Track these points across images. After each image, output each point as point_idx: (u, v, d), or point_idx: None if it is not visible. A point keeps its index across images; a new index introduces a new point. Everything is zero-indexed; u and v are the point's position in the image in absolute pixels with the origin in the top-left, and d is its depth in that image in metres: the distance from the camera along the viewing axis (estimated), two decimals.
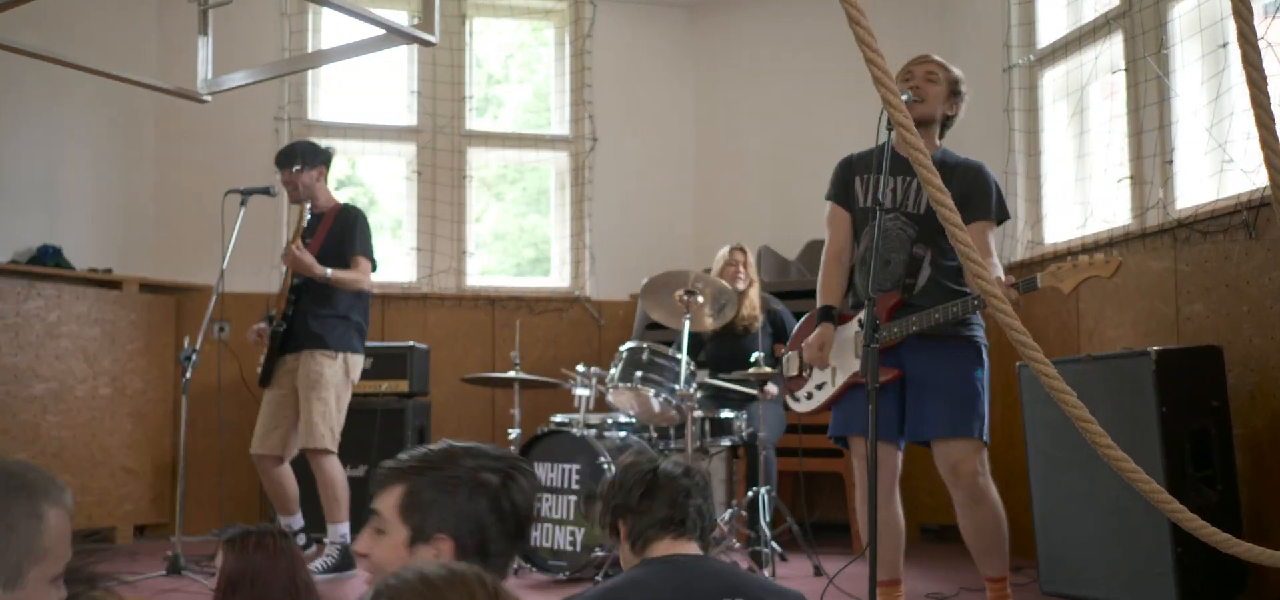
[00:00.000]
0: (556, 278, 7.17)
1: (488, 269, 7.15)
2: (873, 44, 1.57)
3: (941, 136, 3.69)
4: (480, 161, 7.16)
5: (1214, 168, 4.32)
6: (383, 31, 3.41)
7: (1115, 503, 3.92)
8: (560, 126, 7.22)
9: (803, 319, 3.95)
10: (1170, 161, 4.61)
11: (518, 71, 7.43)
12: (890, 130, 3.36)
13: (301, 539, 5.18)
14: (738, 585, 2.19)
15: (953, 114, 3.65)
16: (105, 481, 6.05)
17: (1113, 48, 5.03)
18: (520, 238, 7.35)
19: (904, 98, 3.39)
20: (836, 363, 3.62)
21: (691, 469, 2.37)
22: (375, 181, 7.32)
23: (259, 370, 5.06)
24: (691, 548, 2.29)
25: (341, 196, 7.19)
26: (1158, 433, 3.80)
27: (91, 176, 6.38)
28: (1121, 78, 4.93)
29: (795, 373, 3.78)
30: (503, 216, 7.33)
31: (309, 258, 4.83)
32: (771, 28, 7.08)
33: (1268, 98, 1.79)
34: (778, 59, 7.07)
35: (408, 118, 7.00)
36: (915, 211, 3.57)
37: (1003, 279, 3.34)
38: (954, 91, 3.62)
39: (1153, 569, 3.83)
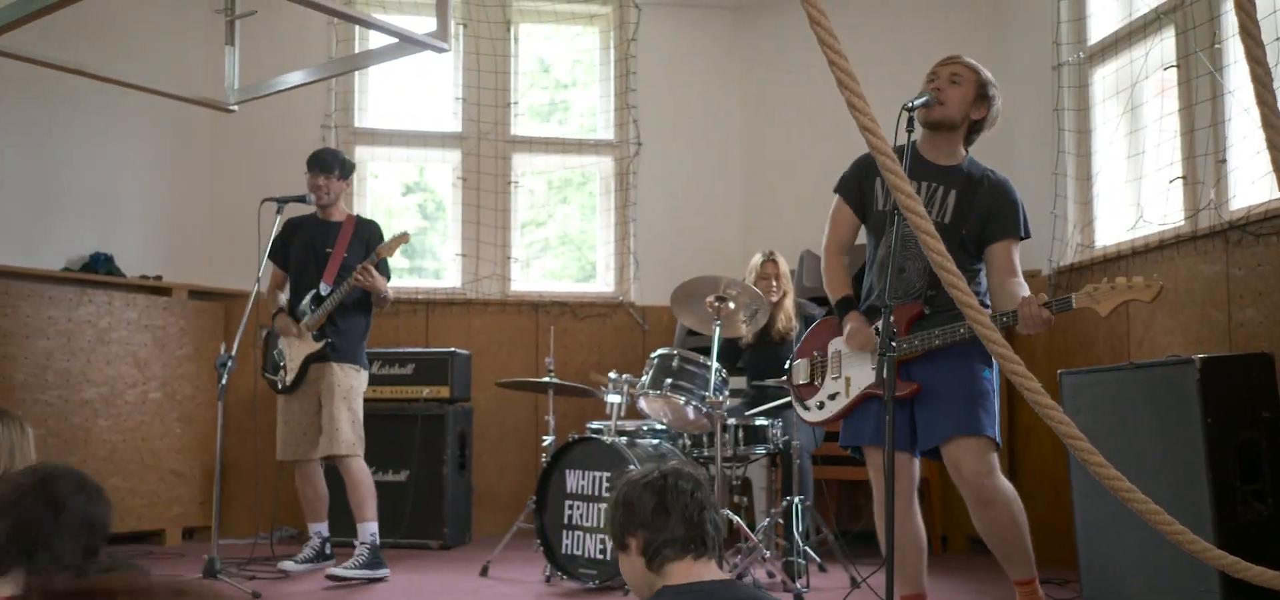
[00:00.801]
0: (601, 283, 7.14)
1: (533, 275, 7.13)
2: (834, 44, 1.51)
3: (969, 142, 3.53)
4: (525, 167, 7.15)
5: (1267, 166, 4.12)
6: (396, 40, 3.42)
7: None
8: (605, 131, 7.19)
9: (813, 325, 3.85)
10: (1223, 160, 4.43)
11: (562, 77, 7.41)
12: (910, 130, 3.26)
13: (327, 549, 5.26)
14: None
15: (980, 118, 3.48)
16: (155, 484, 6.16)
17: (1164, 44, 4.85)
18: (565, 244, 7.33)
19: (923, 99, 3.31)
20: (850, 372, 3.52)
21: (697, 477, 2.27)
22: (435, 182, 7.36)
23: (283, 378, 5.13)
24: (713, 570, 2.19)
25: (408, 202, 7.31)
26: (1202, 444, 3.63)
27: (143, 186, 6.51)
28: (1173, 74, 4.75)
29: (806, 380, 3.68)
30: (549, 224, 7.31)
31: (381, 281, 5.06)
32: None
33: (1273, 95, 1.69)
34: (822, 62, 6.92)
35: (453, 124, 7.02)
36: (938, 220, 3.44)
37: (1030, 297, 3.21)
38: (982, 94, 3.46)
39: (1197, 583, 3.67)
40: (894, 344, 3.07)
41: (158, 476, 6.18)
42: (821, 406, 3.65)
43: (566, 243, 7.32)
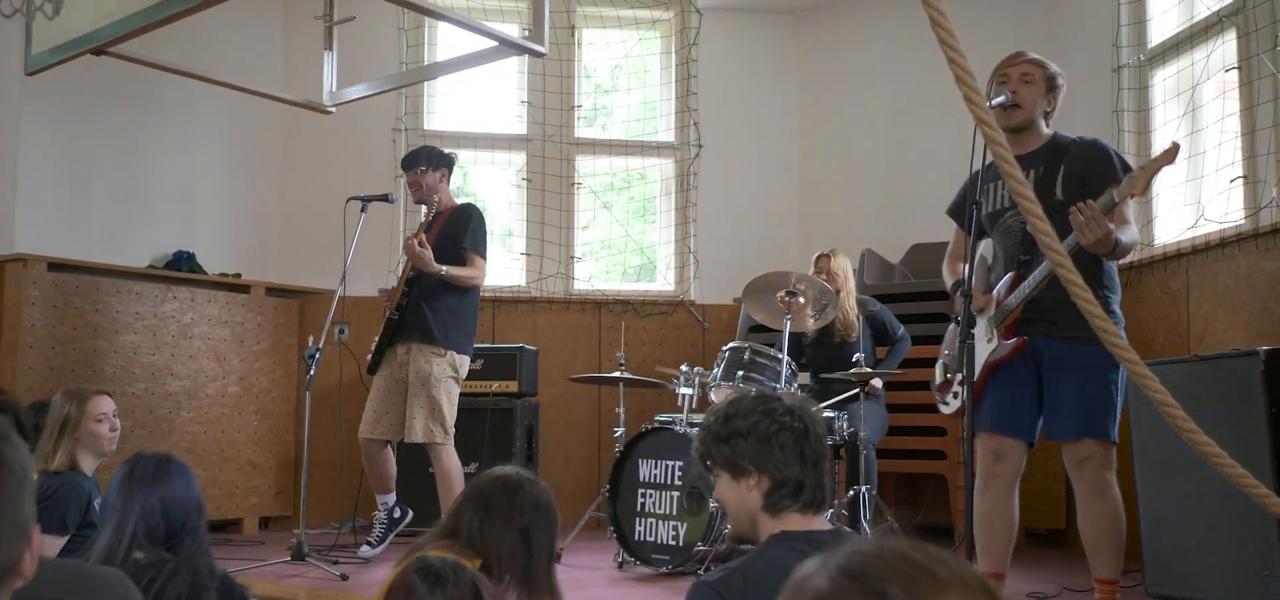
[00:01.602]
0: (661, 282, 7.30)
1: (595, 275, 7.31)
2: (954, 44, 1.65)
3: (1047, 125, 3.67)
4: (588, 169, 7.34)
5: None
6: (495, 43, 3.61)
7: (1223, 504, 3.86)
8: (666, 133, 7.36)
9: (949, 332, 3.96)
10: None
11: (625, 80, 7.59)
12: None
13: (397, 512, 5.36)
14: None
15: (1052, 109, 3.64)
16: (233, 475, 6.40)
17: (1226, 46, 4.94)
18: (627, 245, 7.50)
19: (1000, 100, 3.45)
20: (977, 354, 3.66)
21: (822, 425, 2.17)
22: (486, 189, 7.55)
23: (370, 357, 5.25)
24: (824, 522, 2.11)
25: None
26: (1267, 435, 3.73)
27: (222, 186, 6.76)
28: (1234, 76, 4.84)
29: (942, 379, 3.84)
30: (611, 224, 7.48)
31: (428, 254, 4.95)
32: (876, 34, 7.11)
33: None
34: (882, 64, 7.10)
35: (518, 127, 7.22)
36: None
37: (1077, 209, 3.25)
38: (1051, 87, 3.62)
39: (1261, 571, 3.77)
40: (996, 310, 3.22)
41: (236, 467, 6.42)
42: (956, 396, 3.78)
43: (627, 243, 7.48)
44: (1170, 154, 3.19)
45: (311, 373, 4.98)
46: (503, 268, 7.31)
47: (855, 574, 0.94)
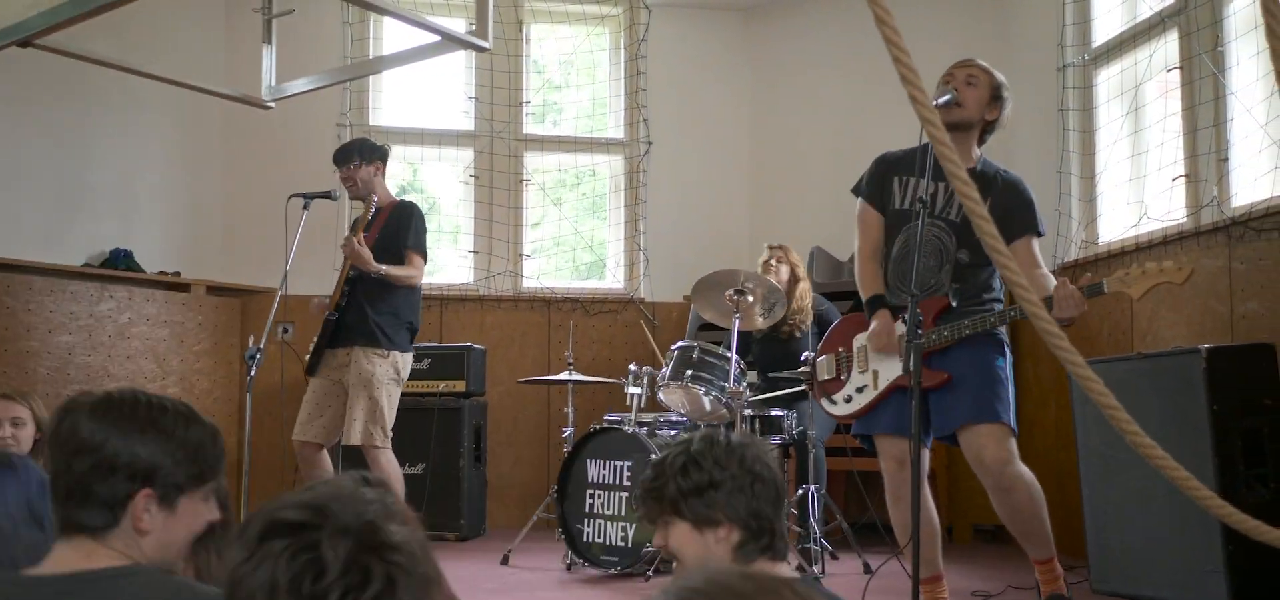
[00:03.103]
0: (611, 280, 7.26)
1: (544, 272, 7.25)
2: (899, 41, 1.62)
3: (981, 142, 3.68)
4: (537, 165, 7.27)
5: (1269, 165, 4.28)
6: (438, 38, 3.53)
7: (1167, 502, 3.90)
8: (615, 130, 7.31)
9: (834, 324, 3.97)
10: (1225, 159, 4.58)
11: (573, 76, 7.53)
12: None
13: None
14: None
15: (993, 119, 3.64)
16: None
17: (1168, 46, 4.99)
18: (577, 242, 7.44)
19: (945, 99, 3.44)
20: (878, 366, 3.64)
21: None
22: (434, 186, 7.47)
23: (307, 358, 5.12)
24: (785, 570, 2.01)
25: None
26: (1209, 431, 3.77)
27: (162, 182, 6.61)
28: (1176, 75, 4.90)
29: (830, 375, 3.80)
30: (560, 222, 7.42)
31: (366, 252, 4.80)
32: (826, 30, 7.11)
33: None
34: (832, 61, 7.10)
35: (465, 123, 7.14)
36: (956, 219, 3.58)
37: (1066, 280, 3.37)
38: (995, 96, 3.61)
39: (1204, 568, 3.81)
40: (921, 334, 3.20)
41: None
42: (849, 400, 3.76)
43: (577, 240, 7.42)
44: (1181, 273, 3.33)
45: (252, 373, 4.86)
46: (451, 265, 7.23)
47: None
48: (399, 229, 4.95)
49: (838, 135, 7.03)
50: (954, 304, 3.54)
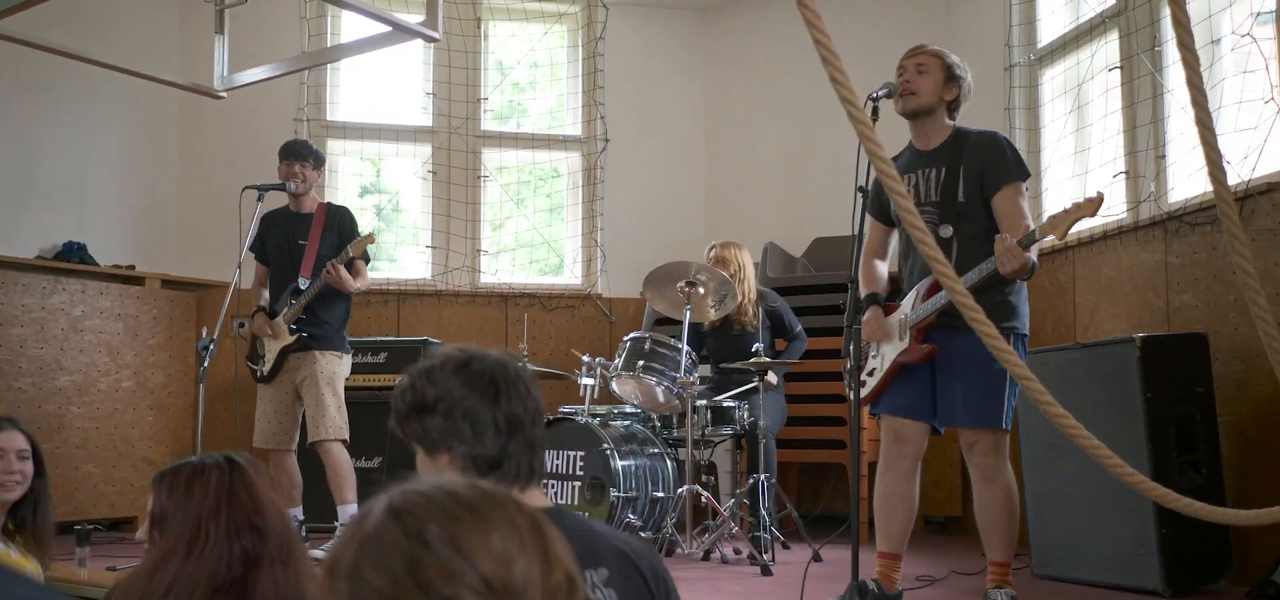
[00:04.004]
0: (569, 275, 7.31)
1: (502, 269, 7.28)
2: (828, 44, 1.68)
3: (952, 116, 3.74)
4: (495, 162, 7.30)
5: (1203, 161, 4.40)
6: (389, 28, 3.58)
7: (1102, 486, 4.01)
8: (573, 127, 7.36)
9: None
10: (1163, 156, 4.71)
11: (531, 74, 7.57)
12: (874, 119, 3.48)
13: (299, 530, 5.36)
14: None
15: (953, 97, 3.71)
16: (128, 472, 6.23)
17: (1109, 45, 5.12)
18: (536, 240, 7.48)
19: (884, 91, 3.54)
20: (885, 350, 3.74)
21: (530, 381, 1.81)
22: (393, 181, 7.48)
23: (262, 368, 5.22)
24: (540, 497, 1.79)
25: (368, 202, 7.42)
26: (1143, 418, 3.89)
27: (116, 176, 6.57)
28: (1117, 75, 5.02)
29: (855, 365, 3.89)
30: (518, 218, 7.45)
31: (348, 277, 5.07)
32: (782, 29, 7.19)
33: (1205, 96, 1.90)
34: (788, 60, 7.18)
35: (423, 119, 7.16)
36: (936, 199, 3.66)
37: (1003, 234, 3.42)
38: (950, 76, 3.69)
39: (1138, 551, 3.93)
40: (914, 310, 3.45)
41: (130, 464, 6.25)
42: (863, 385, 3.84)
43: (536, 236, 7.46)
44: (1094, 204, 3.33)
45: (205, 365, 4.87)
46: (408, 261, 7.25)
47: (398, 512, 0.95)
48: (343, 237, 5.16)
49: (792, 133, 7.12)
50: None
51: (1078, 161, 5.41)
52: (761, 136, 7.24)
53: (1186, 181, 4.55)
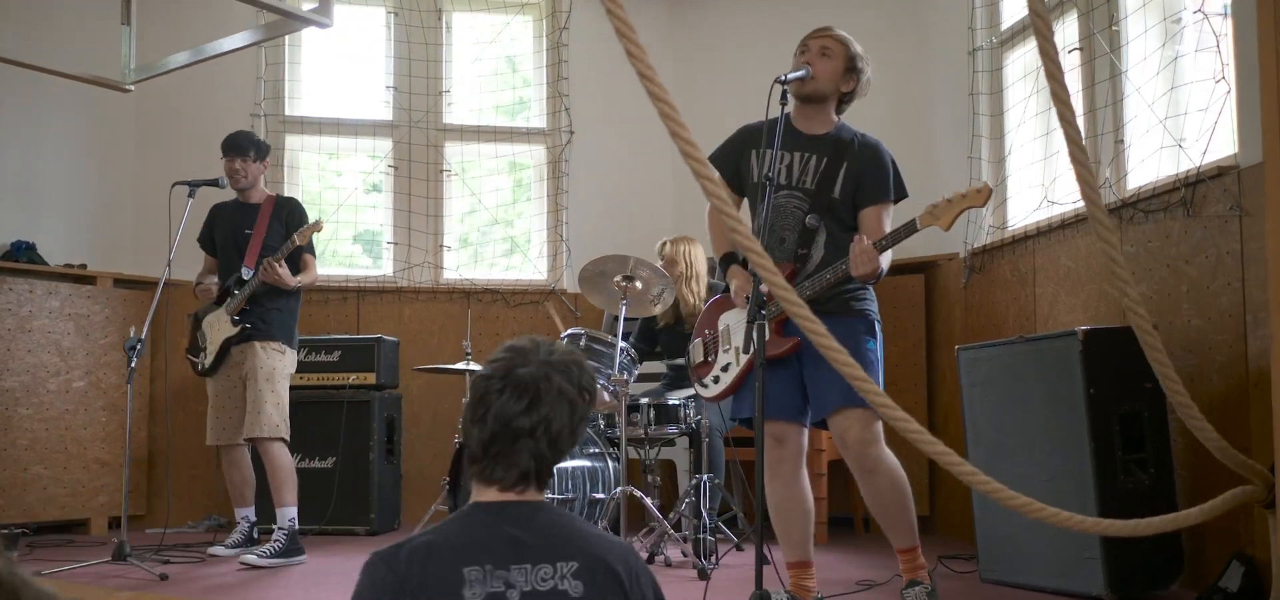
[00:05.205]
0: (533, 271, 7.15)
1: (464, 264, 7.13)
2: (640, 55, 1.54)
3: (839, 112, 3.61)
4: (457, 156, 7.16)
5: (1156, 146, 4.20)
6: (278, 16, 3.45)
7: (1046, 487, 3.82)
8: (537, 119, 7.21)
9: (706, 306, 3.88)
10: (1121, 140, 4.50)
11: (494, 64, 7.41)
12: (784, 103, 3.32)
13: (246, 529, 5.25)
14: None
15: (850, 90, 3.57)
16: (79, 474, 6.13)
17: (1069, 26, 4.91)
18: (495, 232, 7.33)
19: (799, 74, 3.36)
20: (738, 344, 3.56)
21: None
22: (352, 177, 7.34)
23: (203, 360, 5.13)
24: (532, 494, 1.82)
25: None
26: (1085, 414, 3.70)
27: (67, 173, 6.46)
28: (1077, 56, 4.82)
29: (701, 359, 3.73)
30: (479, 212, 7.31)
31: (285, 272, 4.99)
32: (750, 18, 7.02)
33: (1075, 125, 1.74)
34: (755, 49, 6.99)
35: (384, 113, 7.02)
36: (810, 187, 3.51)
37: (858, 235, 3.34)
38: (851, 68, 3.54)
39: (1083, 555, 3.74)
40: (765, 308, 3.13)
41: (82, 466, 6.15)
42: (717, 380, 3.69)
43: (498, 226, 7.32)
44: (981, 194, 3.18)
45: (133, 364, 4.77)
46: (370, 257, 7.12)
47: None
48: (288, 228, 5.06)
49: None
50: (803, 271, 3.46)
51: (1041, 147, 5.21)
52: (730, 127, 7.01)
53: (1140, 167, 4.35)
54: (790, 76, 3.37)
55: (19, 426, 5.91)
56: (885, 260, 3.37)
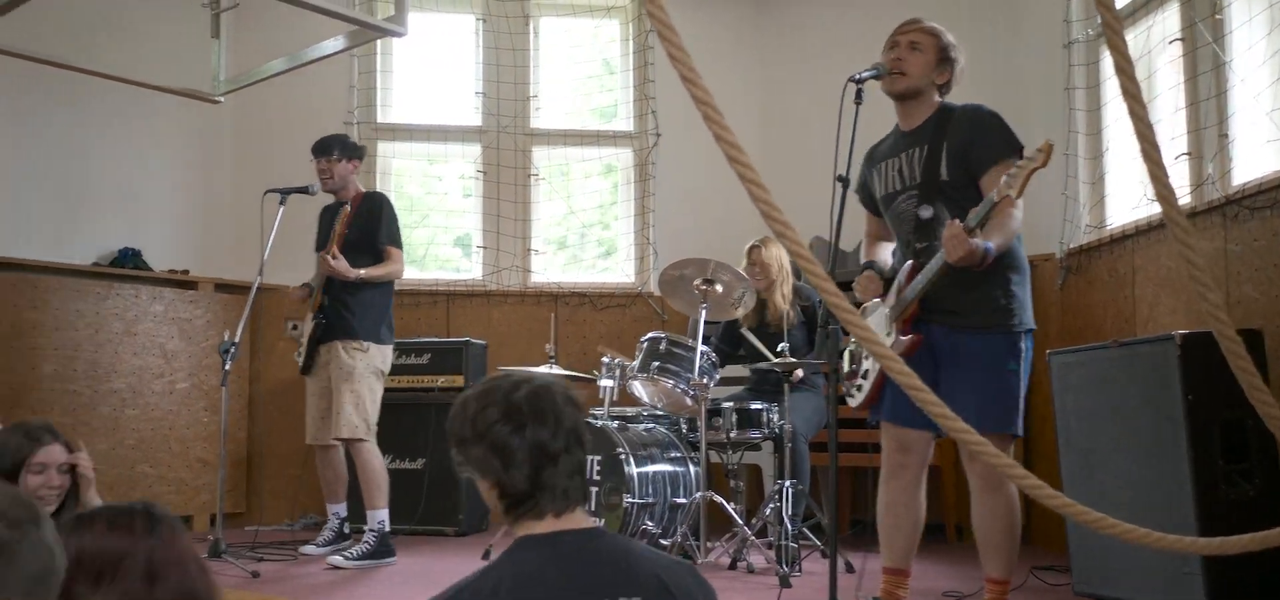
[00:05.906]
0: (620, 274, 7.15)
1: (552, 266, 7.17)
2: (683, 58, 1.49)
3: (940, 97, 3.46)
4: (545, 159, 7.20)
5: (1263, 139, 4.00)
6: (355, 26, 3.50)
7: (1147, 498, 3.67)
8: (624, 122, 7.21)
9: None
10: (1226, 134, 4.30)
11: (582, 69, 7.43)
12: (858, 102, 3.26)
13: (336, 525, 5.33)
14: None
15: (944, 81, 3.42)
16: (182, 472, 6.34)
17: (1170, 16, 4.71)
18: (586, 236, 7.35)
19: (871, 72, 3.28)
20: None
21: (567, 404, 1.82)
22: (444, 182, 7.44)
23: (299, 359, 5.24)
24: (580, 519, 1.82)
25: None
26: (1184, 422, 3.53)
27: (171, 182, 6.69)
28: (1178, 47, 4.62)
29: (850, 369, 3.63)
30: (568, 216, 7.33)
31: (344, 264, 4.98)
32: (836, 17, 6.91)
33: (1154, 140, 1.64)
34: (842, 50, 6.85)
35: (473, 118, 7.10)
36: (909, 183, 3.41)
37: (953, 219, 3.12)
38: (943, 58, 3.41)
39: (1182, 569, 3.57)
40: (896, 300, 3.23)
41: (185, 464, 6.36)
42: (860, 389, 3.58)
43: (595, 229, 7.33)
44: (1044, 153, 3.00)
45: (227, 367, 4.91)
46: (460, 260, 7.20)
47: None
48: (371, 222, 5.09)
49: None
50: (923, 265, 3.32)
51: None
52: (814, 129, 6.88)
53: (1251, 161, 4.14)
54: (863, 75, 3.29)
55: (127, 426, 6.13)
56: (1001, 237, 3.14)
